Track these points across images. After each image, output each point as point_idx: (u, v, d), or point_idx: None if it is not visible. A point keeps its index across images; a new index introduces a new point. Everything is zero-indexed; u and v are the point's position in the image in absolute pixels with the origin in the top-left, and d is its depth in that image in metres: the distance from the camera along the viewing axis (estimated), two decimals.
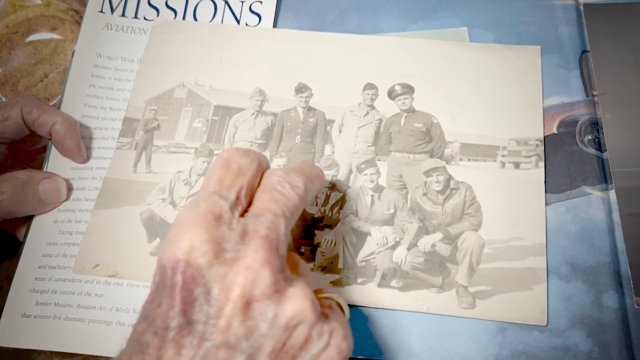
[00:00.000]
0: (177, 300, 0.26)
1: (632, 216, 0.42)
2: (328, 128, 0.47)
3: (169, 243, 0.27)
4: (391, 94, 0.47)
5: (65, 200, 0.45)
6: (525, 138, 0.45)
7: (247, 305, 0.26)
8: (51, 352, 0.41)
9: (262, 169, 0.32)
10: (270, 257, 0.27)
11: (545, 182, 0.44)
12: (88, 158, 0.46)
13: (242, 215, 0.29)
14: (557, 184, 0.44)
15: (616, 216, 0.43)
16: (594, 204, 0.43)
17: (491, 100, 0.47)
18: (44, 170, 0.46)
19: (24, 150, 0.48)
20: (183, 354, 0.25)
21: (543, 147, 0.45)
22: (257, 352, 0.26)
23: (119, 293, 0.42)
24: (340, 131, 0.47)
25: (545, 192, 0.43)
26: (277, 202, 0.30)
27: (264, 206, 0.30)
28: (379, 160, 0.45)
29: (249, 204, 0.30)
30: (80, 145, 0.45)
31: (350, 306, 0.39)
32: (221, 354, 0.26)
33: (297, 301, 0.27)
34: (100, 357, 0.40)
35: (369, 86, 0.48)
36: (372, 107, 0.47)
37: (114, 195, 0.45)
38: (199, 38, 0.51)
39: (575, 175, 0.44)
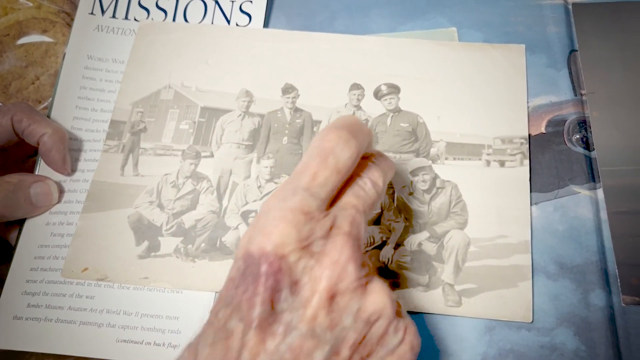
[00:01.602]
0: (264, 288, 0.27)
1: (620, 215, 0.42)
2: (315, 129, 0.47)
3: (259, 233, 0.28)
4: (377, 94, 0.47)
5: (57, 203, 0.45)
6: (510, 136, 0.45)
7: (332, 298, 0.27)
8: (43, 354, 0.41)
9: (358, 159, 0.31)
10: (355, 253, 0.28)
11: (530, 180, 0.44)
12: (73, 171, 0.47)
13: (328, 206, 0.30)
14: (545, 183, 0.44)
15: (604, 215, 0.43)
16: (582, 203, 0.43)
17: (476, 98, 0.47)
18: (36, 173, 0.46)
19: (15, 154, 0.48)
20: (268, 341, 0.26)
21: (528, 145, 0.45)
22: (341, 343, 0.27)
23: (109, 295, 0.42)
24: None
25: (532, 190, 0.44)
26: (359, 198, 0.31)
27: (348, 200, 0.31)
28: None
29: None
30: (66, 159, 0.45)
31: None
32: (307, 344, 0.26)
33: (378, 296, 0.29)
34: (92, 358, 0.40)
35: (355, 86, 0.48)
36: (358, 107, 0.47)
37: (102, 199, 0.45)
38: (184, 39, 0.51)
39: (563, 174, 0.44)
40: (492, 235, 0.42)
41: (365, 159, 0.33)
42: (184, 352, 0.28)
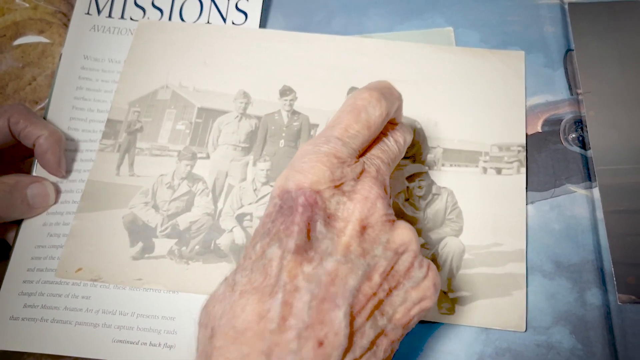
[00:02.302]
0: (301, 219, 0.29)
1: (616, 213, 0.42)
2: (312, 132, 0.47)
3: (296, 172, 0.30)
4: None
5: (54, 203, 0.45)
6: (508, 144, 0.45)
7: (364, 229, 0.30)
8: (40, 355, 0.41)
9: (387, 119, 0.35)
10: (382, 193, 0.32)
11: (526, 187, 0.44)
12: (68, 173, 0.46)
13: (357, 157, 0.33)
14: (541, 182, 0.44)
15: (600, 214, 0.43)
16: (578, 202, 0.43)
17: (474, 105, 0.46)
18: (33, 174, 0.46)
19: (12, 155, 0.48)
20: (305, 265, 0.28)
21: (525, 153, 0.45)
22: (372, 269, 0.29)
23: (105, 295, 0.42)
24: None
25: (528, 189, 0.44)
26: (384, 152, 0.35)
27: (374, 152, 0.34)
28: None
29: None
30: (61, 161, 0.45)
31: None
32: (342, 268, 0.28)
33: (404, 231, 0.31)
34: (88, 359, 0.40)
35: (354, 90, 0.47)
36: None
37: (97, 199, 0.45)
38: (183, 39, 0.51)
39: (560, 174, 0.44)
40: (488, 243, 0.42)
41: (392, 124, 0.37)
42: (221, 285, 0.30)
